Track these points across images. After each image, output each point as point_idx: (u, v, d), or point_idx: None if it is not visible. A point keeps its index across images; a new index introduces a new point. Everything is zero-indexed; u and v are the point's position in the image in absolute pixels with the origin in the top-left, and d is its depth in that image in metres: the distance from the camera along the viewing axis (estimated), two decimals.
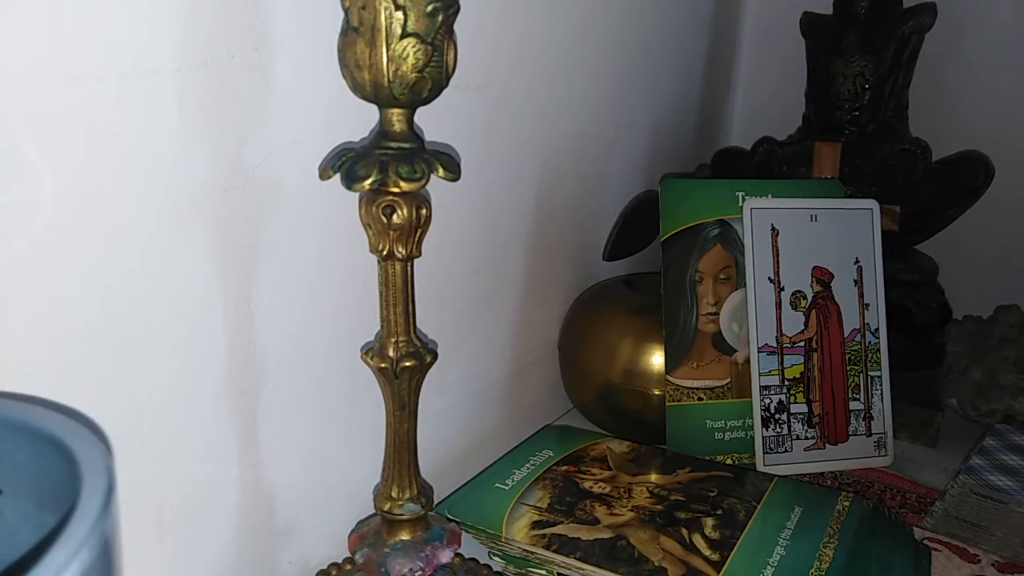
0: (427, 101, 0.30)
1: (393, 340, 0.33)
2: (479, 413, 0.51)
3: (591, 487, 0.44)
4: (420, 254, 0.32)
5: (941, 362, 0.57)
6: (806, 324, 0.52)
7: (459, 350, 0.47)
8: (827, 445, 0.51)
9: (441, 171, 0.31)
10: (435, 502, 0.37)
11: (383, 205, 0.31)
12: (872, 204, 0.54)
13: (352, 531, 0.37)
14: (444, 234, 0.41)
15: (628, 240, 0.61)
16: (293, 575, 0.38)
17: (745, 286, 0.52)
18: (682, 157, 0.74)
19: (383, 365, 0.33)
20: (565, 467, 0.47)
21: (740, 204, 0.53)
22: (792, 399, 0.51)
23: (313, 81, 0.34)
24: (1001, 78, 0.69)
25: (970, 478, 0.49)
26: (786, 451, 0.51)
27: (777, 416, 0.51)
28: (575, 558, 0.38)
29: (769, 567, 0.37)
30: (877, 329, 0.53)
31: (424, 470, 0.36)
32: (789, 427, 0.51)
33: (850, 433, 0.52)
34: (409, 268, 0.32)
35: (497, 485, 0.45)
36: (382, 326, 0.33)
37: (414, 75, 0.28)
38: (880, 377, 0.53)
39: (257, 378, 0.35)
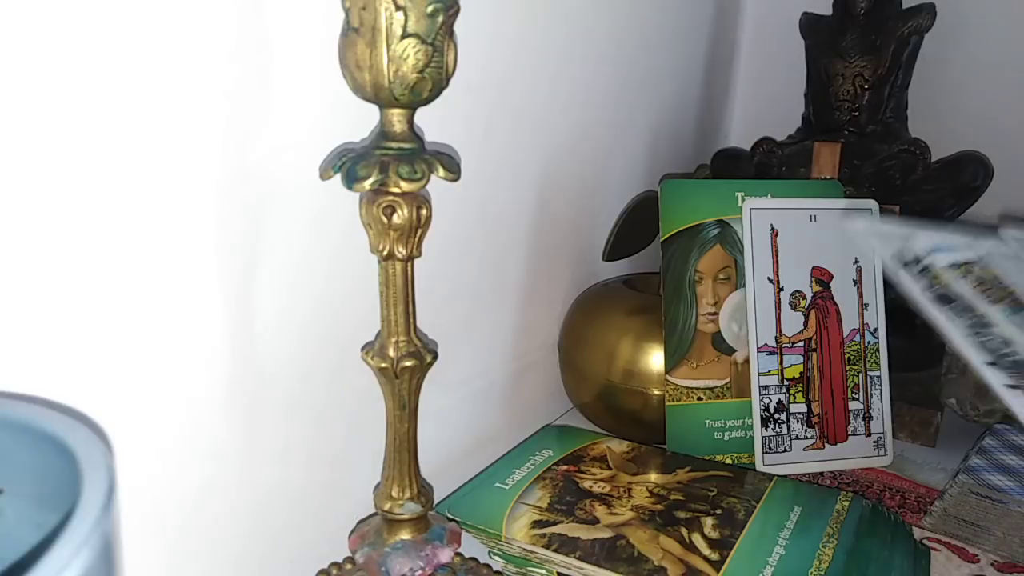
0: (427, 101, 0.30)
1: (393, 340, 0.33)
2: (479, 413, 0.52)
3: (591, 487, 0.45)
4: (420, 254, 0.32)
5: (940, 362, 0.57)
6: (805, 324, 0.52)
7: (459, 350, 0.47)
8: (826, 445, 0.51)
9: (441, 171, 0.31)
10: (435, 501, 0.37)
11: (383, 205, 0.31)
12: (871, 204, 0.54)
13: (352, 531, 0.37)
14: (444, 234, 0.41)
15: (628, 240, 0.61)
16: (293, 575, 0.38)
17: (744, 286, 0.52)
18: (682, 157, 0.74)
19: (383, 365, 0.33)
20: (565, 467, 0.47)
21: (739, 204, 0.53)
22: (791, 399, 0.51)
23: (313, 81, 0.34)
24: (1001, 78, 0.69)
25: (969, 478, 0.49)
26: (785, 451, 0.51)
27: (776, 416, 0.51)
28: (575, 557, 0.38)
29: (768, 566, 0.37)
30: (876, 329, 0.53)
31: (424, 469, 0.36)
32: (788, 427, 0.51)
33: (849, 433, 0.52)
34: (409, 268, 0.32)
35: (497, 484, 0.45)
36: (382, 326, 0.33)
37: (414, 76, 0.28)
38: (879, 377, 0.53)
39: (257, 378, 0.35)
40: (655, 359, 0.52)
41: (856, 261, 0.53)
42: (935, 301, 0.29)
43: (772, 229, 0.52)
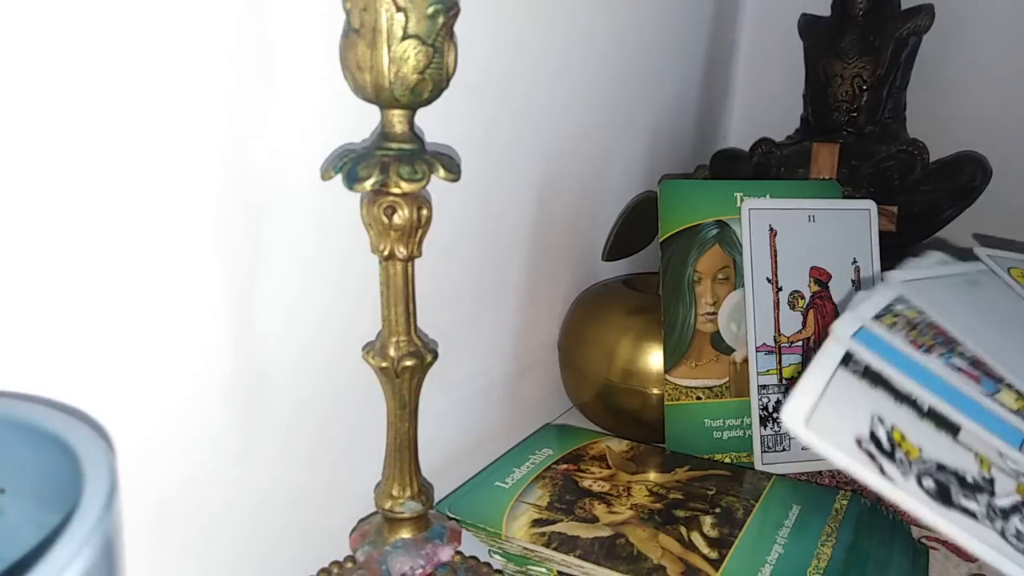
0: (428, 102, 0.30)
1: (394, 339, 0.33)
2: (479, 412, 0.52)
3: (590, 485, 0.45)
4: (421, 254, 0.32)
5: None
6: (804, 324, 0.52)
7: (459, 349, 0.47)
8: None
9: (442, 172, 0.31)
10: (436, 500, 0.38)
11: (384, 206, 0.31)
12: (870, 205, 0.54)
13: (353, 529, 0.37)
14: (445, 235, 0.41)
15: (627, 240, 0.61)
16: (294, 575, 0.38)
17: (743, 286, 0.52)
18: (681, 158, 0.74)
19: (384, 364, 0.33)
20: (565, 466, 0.47)
21: (738, 205, 0.53)
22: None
23: (313, 81, 0.34)
24: (1000, 78, 0.70)
25: None
26: (784, 450, 0.51)
27: (775, 415, 0.51)
28: (575, 556, 0.38)
29: (767, 565, 0.37)
30: None
31: (425, 469, 0.36)
32: None
33: None
34: (410, 268, 0.32)
35: (497, 483, 0.45)
36: (383, 325, 0.33)
37: (415, 77, 0.28)
38: None
39: (258, 377, 0.35)
40: (654, 359, 0.52)
41: (855, 261, 0.53)
42: (935, 499, 0.27)
43: (771, 229, 0.52)
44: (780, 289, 0.52)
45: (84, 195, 0.27)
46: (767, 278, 0.52)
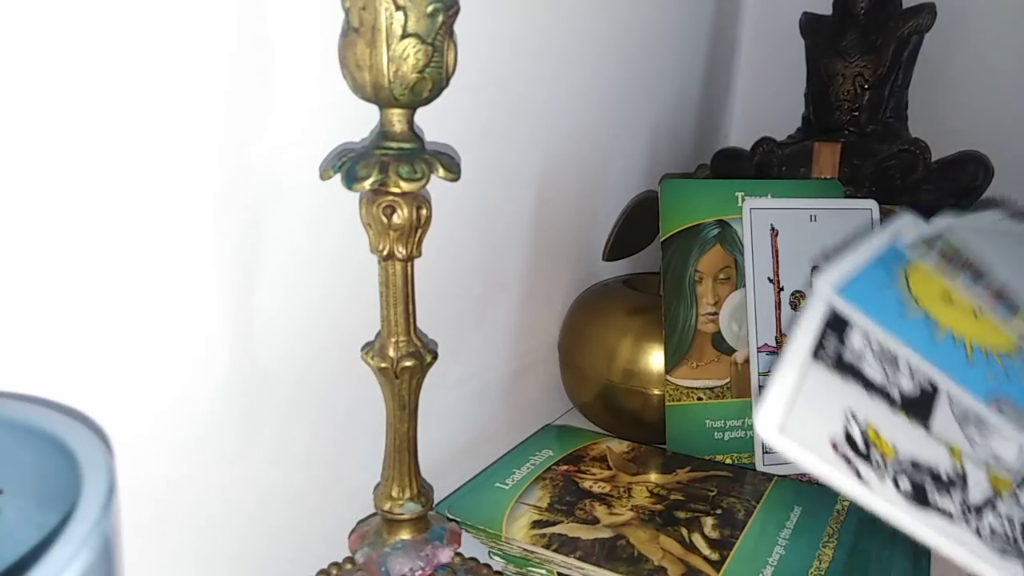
0: (427, 101, 0.30)
1: (393, 340, 0.33)
2: (479, 413, 0.52)
3: (591, 487, 0.45)
4: (420, 254, 0.32)
5: None
6: None
7: (459, 350, 0.47)
8: None
9: (441, 171, 0.31)
10: (435, 501, 0.37)
11: (383, 205, 0.31)
12: (871, 204, 0.54)
13: (352, 531, 0.37)
14: (444, 234, 0.41)
15: (628, 240, 0.61)
16: (293, 575, 0.38)
17: (744, 286, 0.52)
18: (682, 157, 0.74)
19: (383, 365, 0.33)
20: (565, 467, 0.47)
21: (739, 204, 0.53)
22: None
23: (313, 81, 0.34)
24: (1001, 78, 0.69)
25: None
26: None
27: None
28: (575, 557, 0.38)
29: (769, 566, 0.37)
30: None
31: (424, 470, 0.36)
32: None
33: None
34: (409, 268, 0.32)
35: (497, 485, 0.45)
36: (382, 326, 0.33)
37: (414, 75, 0.28)
38: None
39: (257, 377, 0.35)
40: (655, 359, 0.52)
41: None
42: (912, 502, 0.26)
43: (772, 229, 0.52)
44: (782, 289, 0.52)
45: (83, 195, 0.27)
46: (769, 278, 0.52)
